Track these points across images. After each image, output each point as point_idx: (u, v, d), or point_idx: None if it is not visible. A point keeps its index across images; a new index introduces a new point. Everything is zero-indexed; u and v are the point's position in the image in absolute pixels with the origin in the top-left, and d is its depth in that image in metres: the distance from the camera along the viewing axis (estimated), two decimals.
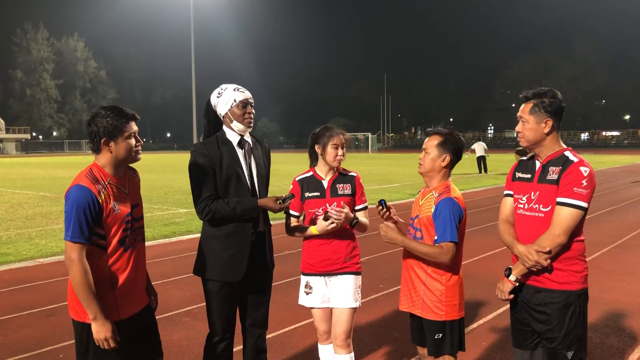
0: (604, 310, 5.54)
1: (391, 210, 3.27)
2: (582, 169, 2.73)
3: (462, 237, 3.06)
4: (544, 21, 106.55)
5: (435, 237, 3.03)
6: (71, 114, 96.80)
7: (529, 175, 2.94)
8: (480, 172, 25.32)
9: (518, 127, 2.92)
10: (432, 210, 3.05)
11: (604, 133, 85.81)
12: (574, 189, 2.70)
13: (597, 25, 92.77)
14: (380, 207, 3.23)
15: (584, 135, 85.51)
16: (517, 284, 2.89)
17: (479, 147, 25.69)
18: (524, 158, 3.07)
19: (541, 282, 2.84)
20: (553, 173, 2.80)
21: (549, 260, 2.76)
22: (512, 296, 2.93)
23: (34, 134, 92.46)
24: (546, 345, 2.90)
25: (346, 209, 3.34)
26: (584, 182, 2.70)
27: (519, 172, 3.02)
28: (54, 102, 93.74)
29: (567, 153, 2.84)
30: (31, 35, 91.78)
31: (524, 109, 2.89)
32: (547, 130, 2.83)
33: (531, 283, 2.88)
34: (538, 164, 2.91)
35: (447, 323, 3.08)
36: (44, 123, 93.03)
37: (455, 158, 3.15)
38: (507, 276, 2.90)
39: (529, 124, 2.85)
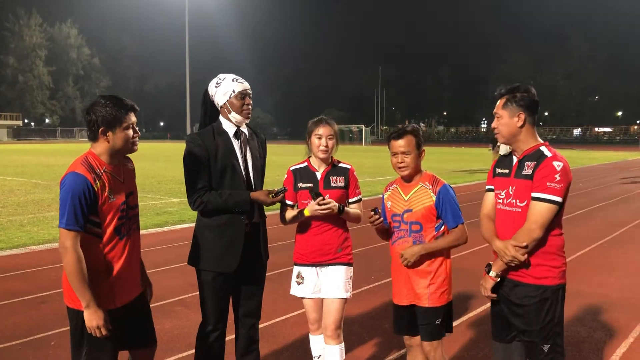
0: (592, 304, 5.61)
1: (381, 218, 3.30)
2: (555, 163, 2.74)
3: None
4: (538, 17, 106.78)
5: (438, 223, 3.19)
6: (64, 101, 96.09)
7: (506, 171, 2.98)
8: None
9: (494, 123, 2.96)
10: (433, 199, 3.17)
11: (596, 129, 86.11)
12: (547, 183, 2.73)
13: (592, 22, 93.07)
14: (376, 216, 3.25)
15: (577, 131, 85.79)
16: (499, 280, 2.93)
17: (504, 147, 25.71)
18: (505, 154, 3.09)
19: (520, 276, 2.87)
20: (528, 168, 2.83)
21: (526, 255, 2.79)
22: (494, 295, 2.97)
23: (26, 121, 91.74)
24: (522, 338, 2.94)
25: (332, 203, 3.33)
26: (557, 177, 2.72)
27: (498, 168, 3.06)
28: (46, 89, 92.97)
29: (543, 148, 2.84)
30: (24, 21, 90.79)
31: (498, 105, 2.93)
32: (520, 124, 2.85)
33: (510, 277, 2.91)
34: (515, 159, 2.95)
35: (446, 306, 3.23)
36: (36, 110, 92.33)
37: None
38: (488, 272, 2.94)
39: (503, 119, 2.89)
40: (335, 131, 3.49)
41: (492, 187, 3.09)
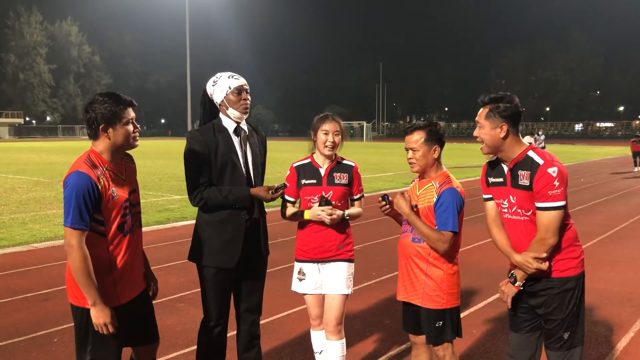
0: (593, 299, 5.61)
1: (393, 205, 3.29)
2: (550, 170, 2.76)
3: (461, 227, 3.11)
4: (539, 11, 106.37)
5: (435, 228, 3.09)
6: (65, 99, 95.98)
7: (501, 179, 2.97)
8: None
9: (476, 132, 2.96)
10: (434, 200, 3.10)
11: (598, 124, 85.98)
12: (549, 192, 2.76)
13: (593, 16, 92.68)
14: (384, 203, 3.26)
15: (578, 126, 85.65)
16: (522, 288, 2.94)
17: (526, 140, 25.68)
18: (491, 161, 3.09)
19: (544, 274, 2.88)
20: (523, 178, 2.83)
21: (547, 262, 2.82)
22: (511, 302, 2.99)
23: (27, 119, 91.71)
24: (544, 326, 2.97)
25: (337, 212, 3.38)
26: (556, 183, 2.75)
27: (490, 177, 3.05)
28: (47, 86, 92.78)
29: (531, 154, 2.85)
30: (24, 19, 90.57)
31: (481, 114, 2.92)
32: (502, 135, 2.86)
33: (535, 275, 2.91)
34: (506, 168, 2.95)
35: (447, 311, 3.14)
36: (38, 108, 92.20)
37: (442, 145, 3.20)
38: (513, 283, 2.93)
39: (485, 129, 2.89)
40: (341, 127, 3.51)
41: (490, 195, 3.08)
